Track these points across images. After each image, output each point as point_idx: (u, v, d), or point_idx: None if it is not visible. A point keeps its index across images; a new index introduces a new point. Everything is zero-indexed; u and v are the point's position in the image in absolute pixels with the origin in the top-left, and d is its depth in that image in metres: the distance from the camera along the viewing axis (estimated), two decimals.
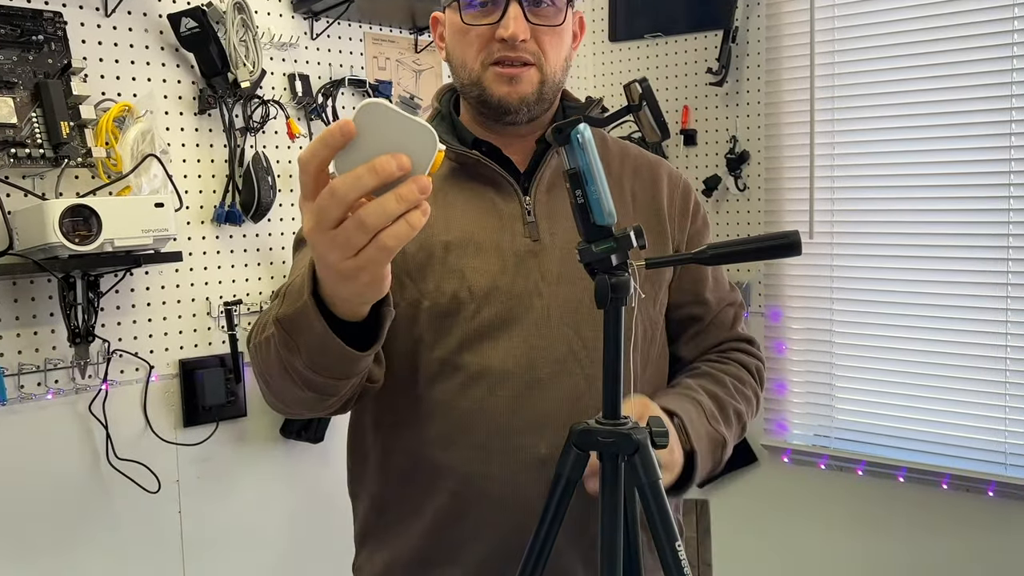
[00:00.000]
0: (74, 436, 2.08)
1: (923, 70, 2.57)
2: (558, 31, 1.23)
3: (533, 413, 1.20)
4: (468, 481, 1.21)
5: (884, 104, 2.65)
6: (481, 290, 1.22)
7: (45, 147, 1.93)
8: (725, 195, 2.97)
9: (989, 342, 2.52)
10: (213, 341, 2.31)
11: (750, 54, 2.91)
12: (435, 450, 1.22)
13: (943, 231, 2.57)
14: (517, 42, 1.19)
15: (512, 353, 1.21)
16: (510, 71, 1.22)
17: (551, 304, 1.22)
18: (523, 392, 1.20)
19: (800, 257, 2.93)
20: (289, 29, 2.43)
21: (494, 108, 1.25)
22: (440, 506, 1.23)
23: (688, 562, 0.92)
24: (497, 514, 1.19)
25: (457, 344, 1.22)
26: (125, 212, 1.87)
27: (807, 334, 2.87)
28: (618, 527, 0.92)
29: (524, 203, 1.27)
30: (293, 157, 2.45)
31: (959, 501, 2.59)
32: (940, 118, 2.56)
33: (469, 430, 1.21)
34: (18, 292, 1.99)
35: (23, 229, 1.87)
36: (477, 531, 1.21)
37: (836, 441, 2.83)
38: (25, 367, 1.99)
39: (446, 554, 1.24)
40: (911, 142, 2.61)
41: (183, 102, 2.24)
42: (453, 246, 1.23)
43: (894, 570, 2.72)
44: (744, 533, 2.96)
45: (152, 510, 2.20)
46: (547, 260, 1.24)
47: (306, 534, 2.47)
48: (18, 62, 1.93)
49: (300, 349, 0.98)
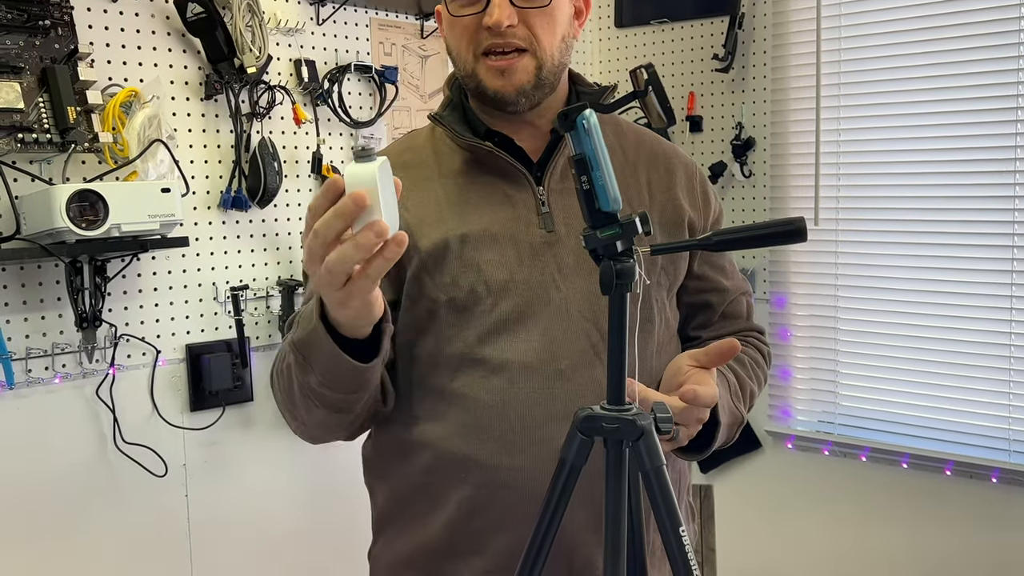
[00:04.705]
0: (81, 420, 2.09)
1: (929, 56, 2.56)
2: (548, 11, 1.20)
3: (555, 405, 1.19)
4: (493, 473, 1.20)
5: (890, 91, 2.64)
6: (498, 284, 1.21)
7: (52, 132, 1.93)
8: (731, 182, 2.96)
9: (994, 329, 2.51)
10: (220, 326, 2.32)
11: (756, 40, 2.89)
12: (459, 443, 1.22)
13: (948, 218, 2.56)
14: (503, 28, 1.17)
15: (532, 346, 1.20)
16: (501, 63, 1.20)
17: (568, 296, 1.21)
18: (545, 384, 1.20)
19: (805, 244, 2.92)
20: (295, 14, 2.42)
21: (492, 100, 1.24)
22: (465, 497, 1.22)
23: (692, 547, 0.92)
24: (522, 505, 1.18)
25: (476, 338, 1.22)
26: (132, 197, 1.88)
27: (812, 321, 2.86)
28: (622, 512, 0.91)
29: (538, 194, 1.25)
30: (299, 143, 2.44)
31: (962, 488, 2.59)
32: (946, 104, 2.54)
33: (492, 423, 1.20)
34: (25, 277, 1.99)
35: (30, 214, 1.87)
36: (503, 522, 1.21)
37: (840, 428, 2.83)
38: (32, 351, 2.00)
39: (471, 544, 1.23)
40: (917, 128, 2.60)
41: (189, 87, 2.24)
42: (469, 239, 1.23)
43: (897, 556, 2.72)
44: (747, 519, 2.96)
45: (159, 494, 2.21)
46: (562, 251, 1.24)
47: (311, 518, 2.48)
48: (25, 47, 1.92)
49: (313, 368, 1.07)
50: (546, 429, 1.18)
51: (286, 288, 2.40)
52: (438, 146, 1.32)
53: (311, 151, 2.46)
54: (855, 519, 2.80)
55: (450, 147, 1.30)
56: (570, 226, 1.24)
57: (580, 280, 1.23)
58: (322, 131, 2.48)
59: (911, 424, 2.68)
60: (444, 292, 1.22)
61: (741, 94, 2.94)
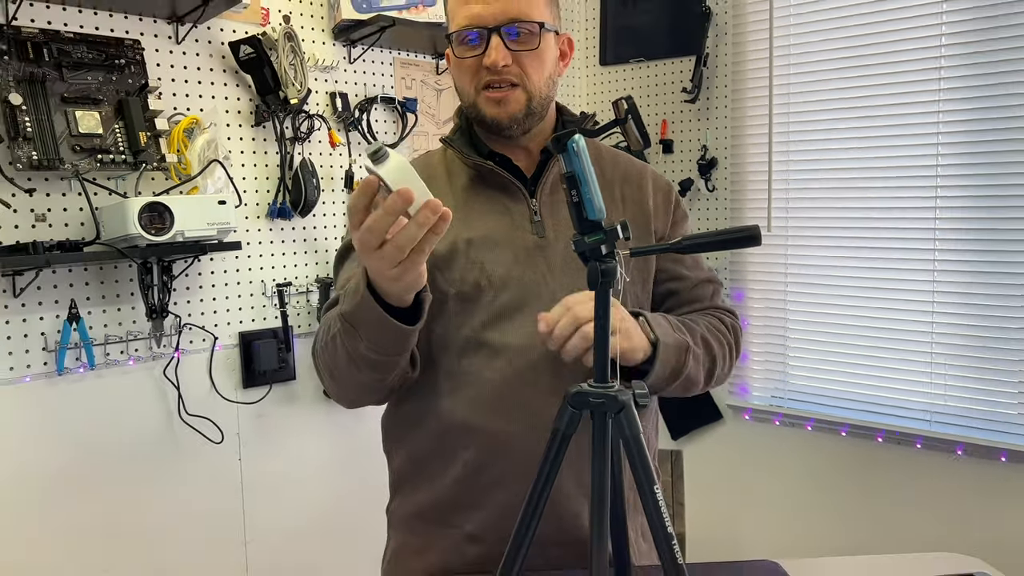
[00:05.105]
0: (151, 396, 2.10)
1: (863, 90, 2.56)
2: (536, 54, 1.22)
3: (547, 381, 1.20)
4: (493, 439, 1.20)
5: (830, 119, 2.64)
6: (498, 279, 1.22)
7: (126, 153, 1.93)
8: (697, 195, 2.96)
9: (918, 319, 2.51)
10: (267, 317, 2.32)
11: (718, 76, 2.89)
12: (465, 413, 1.22)
13: (880, 225, 2.56)
14: (499, 67, 1.19)
15: (527, 331, 1.20)
16: (497, 94, 1.22)
17: (557, 290, 1.22)
18: (539, 364, 1.20)
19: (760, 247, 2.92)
20: (331, 55, 2.42)
21: (489, 126, 1.26)
22: (469, 460, 1.23)
23: (664, 502, 0.92)
24: (517, 466, 1.18)
25: (480, 324, 1.22)
26: (193, 208, 1.88)
27: (765, 312, 2.86)
28: (607, 473, 0.92)
29: (531, 205, 1.26)
30: (334, 162, 2.44)
31: (892, 453, 2.59)
32: (876, 130, 2.54)
33: (493, 395, 1.21)
34: (104, 275, 1.99)
35: (108, 222, 1.88)
36: (500, 481, 1.21)
37: (789, 402, 2.83)
38: (110, 338, 2.00)
39: (473, 499, 1.23)
40: (852, 150, 2.60)
41: (242, 116, 2.24)
42: (474, 242, 1.23)
43: (836, 511, 2.72)
44: (711, 479, 2.97)
45: (216, 457, 2.22)
46: (552, 253, 1.24)
47: (343, 478, 2.49)
48: (103, 82, 1.92)
49: (362, 335, 1.06)
50: (537, 401, 1.18)
51: (323, 285, 2.40)
52: (449, 164, 1.32)
53: (344, 169, 2.46)
54: (802, 479, 2.80)
55: (459, 165, 1.31)
56: (559, 232, 1.25)
57: (567, 278, 1.23)
58: (353, 152, 2.48)
59: (849, 399, 2.68)
60: (453, 286, 1.23)
61: (706, 121, 2.94)
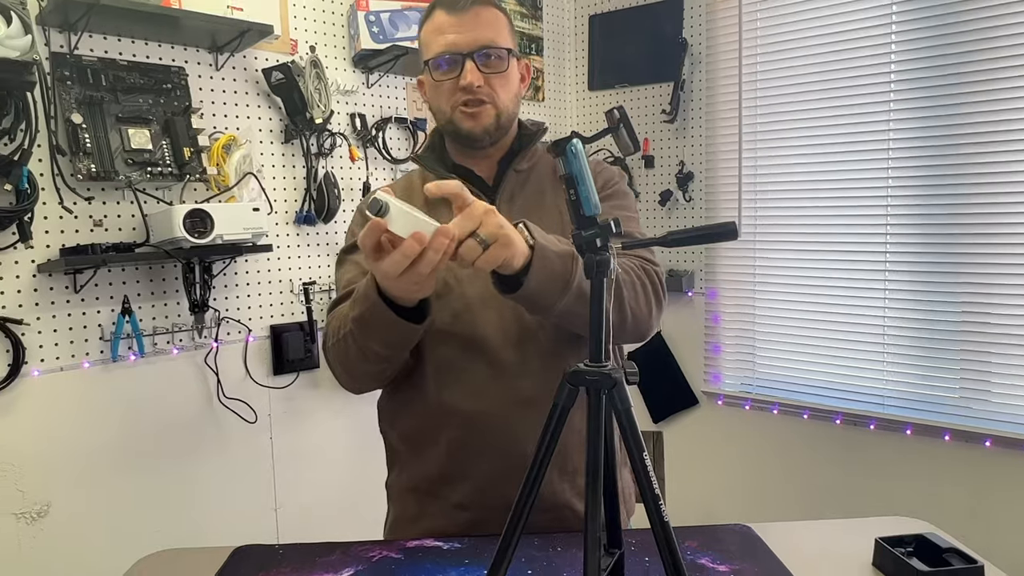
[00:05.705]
0: (193, 381, 2.10)
1: (822, 110, 2.57)
2: (505, 75, 1.24)
3: (510, 364, 1.20)
4: (471, 417, 1.21)
5: (793, 136, 2.65)
6: (464, 275, 1.23)
7: (172, 166, 1.94)
8: (675, 204, 2.97)
9: (871, 313, 2.52)
10: (295, 311, 2.32)
11: (694, 100, 2.90)
12: (445, 395, 1.22)
13: (837, 230, 2.57)
14: (473, 88, 1.21)
15: (491, 321, 1.21)
16: (472, 110, 1.23)
17: None
18: (507, 349, 1.20)
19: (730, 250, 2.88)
20: (351, 80, 2.43)
21: (465, 138, 1.26)
22: (452, 437, 1.23)
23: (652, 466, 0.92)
24: (495, 441, 1.19)
25: (451, 316, 1.22)
26: (231, 215, 1.88)
27: (736, 308, 2.87)
28: (600, 444, 0.91)
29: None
30: (354, 175, 2.45)
31: (848, 434, 2.60)
32: (834, 146, 2.55)
33: (469, 379, 1.21)
34: (152, 274, 2.00)
35: (156, 227, 1.88)
36: (481, 455, 1.21)
37: (757, 388, 2.83)
38: (158, 329, 2.01)
39: (459, 472, 1.24)
40: (813, 163, 2.61)
41: (273, 134, 2.24)
42: None
43: (799, 486, 2.73)
44: (689, 458, 2.97)
45: (251, 436, 2.22)
46: None
47: (360, 456, 2.49)
48: (152, 104, 1.93)
49: (375, 335, 1.08)
50: (504, 380, 1.19)
51: None
52: (424, 179, 1.34)
53: (362, 181, 2.46)
54: (769, 458, 2.80)
55: (429, 179, 1.31)
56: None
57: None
58: (370, 166, 2.48)
59: (810, 385, 2.69)
60: None
61: (683, 139, 2.94)
